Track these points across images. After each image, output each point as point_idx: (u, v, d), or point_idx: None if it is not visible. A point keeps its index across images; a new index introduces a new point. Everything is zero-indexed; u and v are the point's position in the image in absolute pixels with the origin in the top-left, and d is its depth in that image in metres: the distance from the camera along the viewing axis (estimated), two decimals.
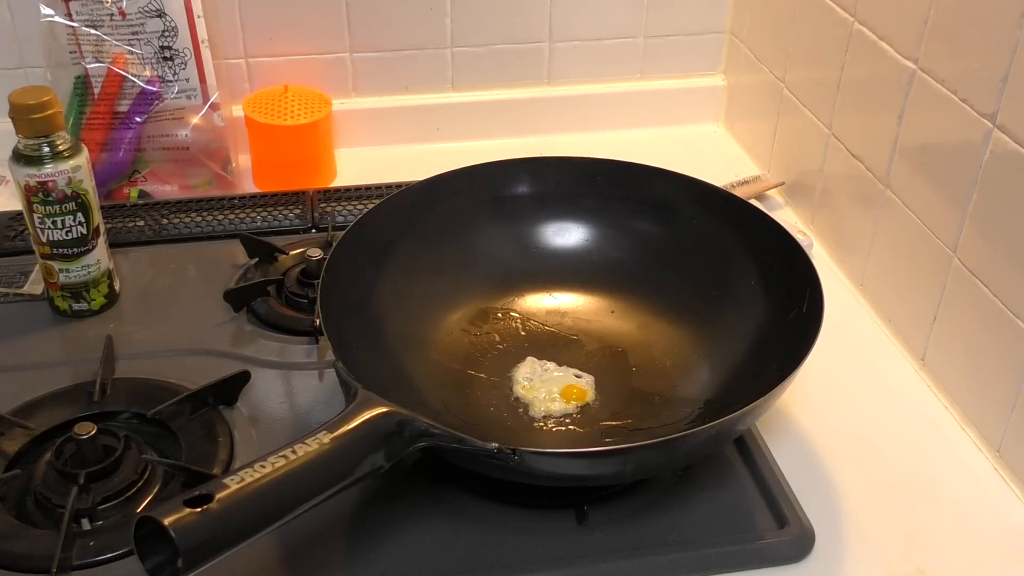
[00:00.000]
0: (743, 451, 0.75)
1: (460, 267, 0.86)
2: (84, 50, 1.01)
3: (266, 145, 1.09)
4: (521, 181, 0.89)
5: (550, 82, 1.20)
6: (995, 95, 0.73)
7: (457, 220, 0.87)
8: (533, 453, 0.62)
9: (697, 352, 0.81)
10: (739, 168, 1.15)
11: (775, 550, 0.68)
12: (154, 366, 0.82)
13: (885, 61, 0.87)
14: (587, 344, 0.84)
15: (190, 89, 1.03)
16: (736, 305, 0.81)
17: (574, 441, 0.75)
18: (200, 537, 0.51)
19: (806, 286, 0.74)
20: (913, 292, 0.85)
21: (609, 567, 0.66)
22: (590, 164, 0.88)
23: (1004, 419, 0.75)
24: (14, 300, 0.90)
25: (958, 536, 0.70)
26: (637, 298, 0.86)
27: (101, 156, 1.04)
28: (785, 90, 1.07)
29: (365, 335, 0.76)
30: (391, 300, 0.81)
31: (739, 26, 1.18)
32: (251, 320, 0.88)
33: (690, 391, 0.78)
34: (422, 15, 1.13)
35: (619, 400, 0.78)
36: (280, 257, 0.94)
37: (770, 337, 0.76)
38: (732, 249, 0.83)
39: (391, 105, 1.18)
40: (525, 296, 0.88)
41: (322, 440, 0.57)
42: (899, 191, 0.87)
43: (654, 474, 0.72)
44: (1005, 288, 0.74)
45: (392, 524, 0.68)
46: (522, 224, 0.89)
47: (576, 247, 0.89)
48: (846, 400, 0.83)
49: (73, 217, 0.83)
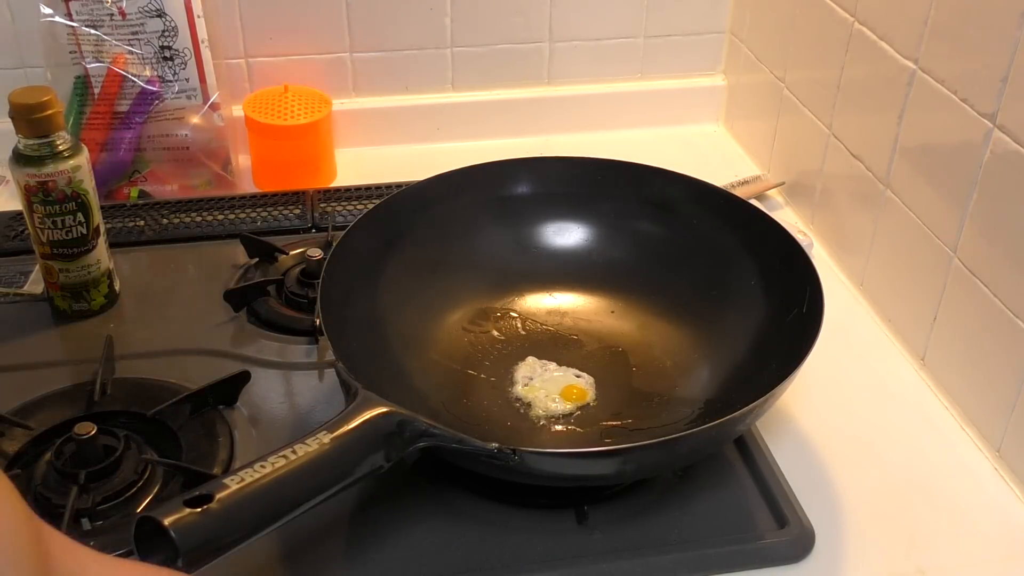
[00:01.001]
0: (743, 451, 0.75)
1: (460, 267, 0.86)
2: (84, 50, 1.01)
3: (266, 145, 1.09)
4: (521, 181, 0.89)
5: (550, 82, 1.20)
6: (995, 95, 0.73)
7: (457, 220, 0.87)
8: (533, 453, 0.62)
9: (697, 352, 0.81)
10: (739, 168, 1.15)
11: (775, 550, 0.68)
12: (154, 366, 0.82)
13: (885, 61, 0.87)
14: (587, 344, 0.84)
15: (190, 89, 1.03)
16: (736, 305, 0.81)
17: (574, 441, 0.75)
18: (200, 537, 0.51)
19: (806, 286, 0.74)
20: (913, 292, 0.85)
21: (609, 567, 0.66)
22: (590, 164, 0.88)
23: (1004, 419, 0.75)
24: (14, 300, 0.90)
25: (958, 536, 0.70)
26: (637, 298, 0.86)
27: (101, 156, 1.04)
28: (785, 90, 1.07)
29: (365, 335, 0.76)
30: (391, 300, 0.81)
31: (739, 26, 1.18)
32: (251, 320, 0.88)
33: (690, 391, 0.78)
34: (422, 15, 1.13)
35: (619, 400, 0.78)
36: (280, 257, 0.94)
37: (770, 337, 0.76)
38: (732, 249, 0.83)
39: (391, 105, 1.18)
40: (525, 296, 0.88)
41: (322, 440, 0.57)
42: (899, 191, 0.87)
43: (654, 474, 0.72)
44: (1005, 288, 0.74)
45: (392, 524, 0.68)
46: (522, 224, 0.89)
47: (576, 247, 0.89)
48: (846, 400, 0.83)
49: (73, 217, 0.83)
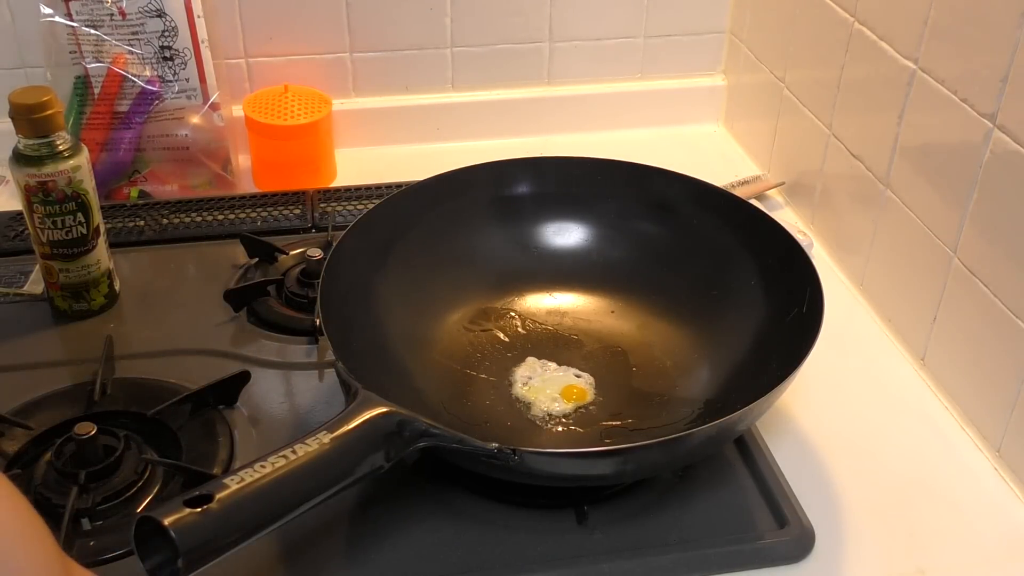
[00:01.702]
0: (743, 451, 0.75)
1: (460, 267, 0.86)
2: (84, 50, 1.01)
3: (266, 145, 1.09)
4: (521, 181, 0.89)
5: (550, 82, 1.20)
6: (995, 95, 0.73)
7: (457, 220, 0.87)
8: (533, 453, 0.62)
9: (697, 352, 0.81)
10: (739, 168, 1.15)
11: (775, 550, 0.68)
12: (154, 366, 0.82)
13: (885, 61, 0.87)
14: (587, 344, 0.84)
15: (190, 89, 1.03)
16: (736, 305, 0.81)
17: (574, 441, 0.75)
18: (200, 537, 0.51)
19: (806, 286, 0.74)
20: (913, 292, 0.85)
21: (609, 567, 0.66)
22: (590, 164, 0.88)
23: (1004, 419, 0.75)
24: (14, 300, 0.90)
25: (958, 536, 0.70)
26: (637, 298, 0.86)
27: (101, 156, 1.04)
28: (785, 90, 1.07)
29: (365, 335, 0.76)
30: (391, 300, 0.81)
31: (739, 26, 1.18)
32: (251, 320, 0.88)
33: (690, 391, 0.78)
34: (422, 15, 1.13)
35: (619, 400, 0.78)
36: (280, 257, 0.94)
37: (770, 337, 0.76)
38: (732, 249, 0.83)
39: (391, 105, 1.18)
40: (525, 296, 0.88)
41: (322, 440, 0.57)
42: (899, 191, 0.87)
43: (654, 474, 0.72)
44: (1005, 288, 0.74)
45: (392, 524, 0.68)
46: (522, 224, 0.89)
47: (576, 247, 0.89)
48: (846, 400, 0.83)
49: (73, 217, 0.83)
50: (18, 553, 0.43)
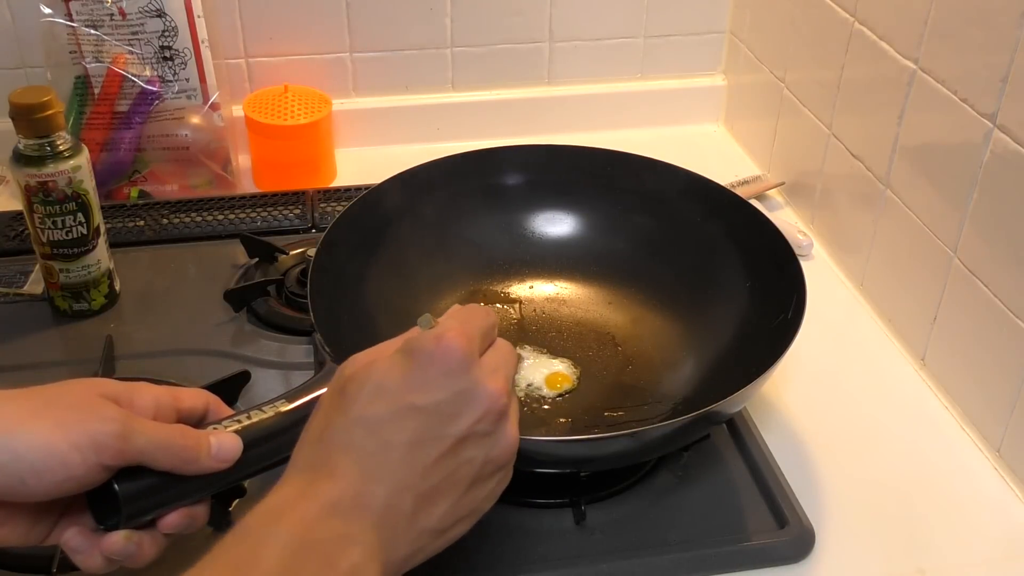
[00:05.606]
0: (743, 451, 0.75)
1: (451, 255, 0.87)
2: (84, 50, 1.01)
3: (266, 145, 1.09)
4: (512, 169, 0.89)
5: (550, 82, 1.20)
6: (995, 95, 0.73)
7: (447, 208, 0.87)
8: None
9: (683, 347, 0.81)
10: (739, 168, 1.15)
11: (775, 550, 0.68)
12: (154, 366, 0.82)
13: (885, 61, 0.87)
14: (577, 333, 0.84)
15: (190, 89, 1.03)
16: (726, 304, 0.80)
17: (557, 428, 0.75)
18: (141, 488, 0.51)
19: (793, 292, 0.73)
20: (913, 292, 0.85)
21: (609, 567, 0.66)
22: (579, 153, 0.88)
23: (1004, 419, 0.75)
24: (14, 300, 0.90)
25: (958, 536, 0.70)
26: (628, 289, 0.86)
27: (101, 156, 1.04)
28: (785, 90, 1.07)
29: (355, 320, 0.76)
30: (382, 287, 0.81)
31: (739, 26, 1.18)
32: (251, 320, 0.88)
33: (673, 386, 0.78)
34: (422, 15, 1.13)
35: (603, 389, 0.79)
36: (280, 257, 0.94)
37: (754, 340, 0.75)
38: (726, 249, 0.82)
39: (391, 105, 1.18)
40: (516, 284, 0.88)
41: (279, 408, 0.57)
42: (899, 191, 0.87)
43: (630, 463, 0.72)
44: (1005, 288, 0.74)
45: None
46: (513, 212, 0.89)
47: (567, 236, 0.89)
48: (846, 400, 0.83)
49: (73, 217, 0.83)
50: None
